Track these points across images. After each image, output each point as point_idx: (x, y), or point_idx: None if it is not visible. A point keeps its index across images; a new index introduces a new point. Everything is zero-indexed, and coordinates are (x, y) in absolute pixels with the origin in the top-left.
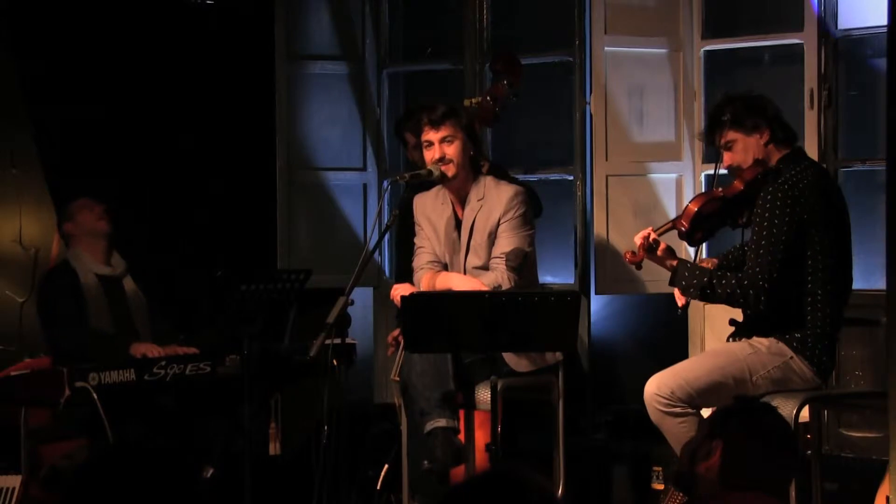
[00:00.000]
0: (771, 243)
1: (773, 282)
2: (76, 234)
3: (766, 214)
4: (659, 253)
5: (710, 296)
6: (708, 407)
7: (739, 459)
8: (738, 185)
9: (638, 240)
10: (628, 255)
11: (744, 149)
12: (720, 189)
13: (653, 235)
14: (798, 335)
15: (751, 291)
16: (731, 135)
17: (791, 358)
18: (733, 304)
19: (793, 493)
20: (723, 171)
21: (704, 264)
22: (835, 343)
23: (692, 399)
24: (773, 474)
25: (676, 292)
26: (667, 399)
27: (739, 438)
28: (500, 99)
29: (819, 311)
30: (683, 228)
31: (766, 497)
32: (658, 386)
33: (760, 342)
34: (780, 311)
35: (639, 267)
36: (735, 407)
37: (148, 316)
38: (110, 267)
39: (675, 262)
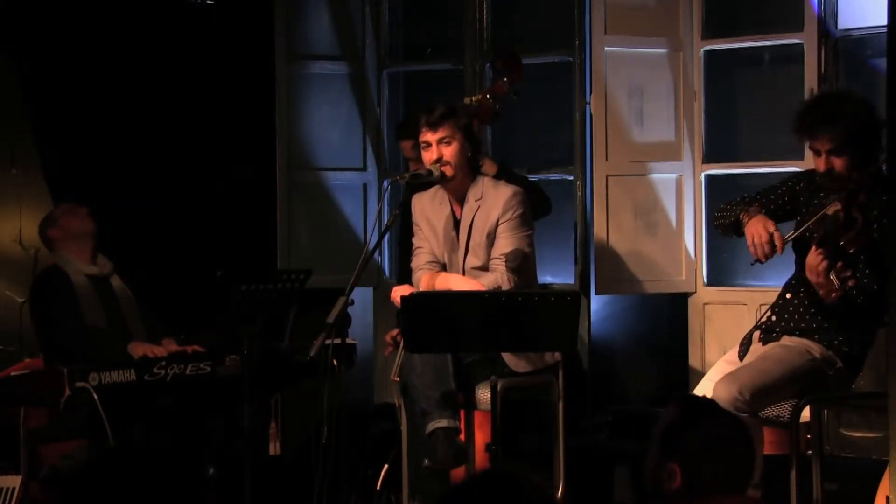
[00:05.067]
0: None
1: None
2: (62, 237)
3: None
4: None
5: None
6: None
7: (701, 471)
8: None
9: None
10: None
11: (848, 168)
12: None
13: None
14: (841, 338)
15: (860, 298)
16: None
17: (838, 366)
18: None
19: (793, 493)
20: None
21: None
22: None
23: (769, 398)
24: (734, 472)
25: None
26: (747, 402)
27: (693, 453)
28: (501, 97)
29: (863, 319)
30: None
31: (743, 497)
32: (739, 389)
33: (812, 348)
34: (843, 316)
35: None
36: (677, 418)
37: (138, 313)
38: (97, 266)
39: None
